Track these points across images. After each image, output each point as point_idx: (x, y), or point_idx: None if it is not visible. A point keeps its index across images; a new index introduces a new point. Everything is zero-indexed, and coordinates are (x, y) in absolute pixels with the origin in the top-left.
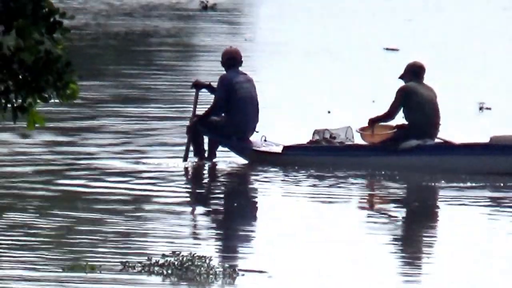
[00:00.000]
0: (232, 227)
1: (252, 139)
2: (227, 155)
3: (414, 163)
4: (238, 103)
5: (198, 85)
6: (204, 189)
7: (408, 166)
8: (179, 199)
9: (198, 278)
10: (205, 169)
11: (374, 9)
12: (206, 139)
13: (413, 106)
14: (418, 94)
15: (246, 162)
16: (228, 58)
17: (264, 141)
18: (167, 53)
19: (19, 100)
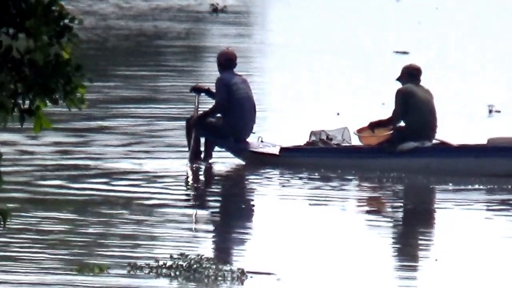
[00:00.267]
0: (233, 228)
1: (249, 140)
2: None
3: (412, 165)
4: (236, 104)
5: (198, 89)
6: (207, 190)
7: (406, 168)
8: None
9: (206, 280)
10: (210, 170)
11: (385, 12)
12: (202, 140)
13: (410, 108)
14: (416, 96)
15: (243, 163)
16: (227, 59)
17: (261, 142)
18: (176, 55)
19: (26, 102)
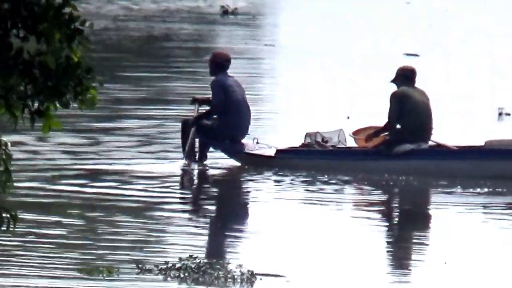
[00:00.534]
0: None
1: (245, 142)
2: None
3: (408, 167)
4: (232, 106)
5: (198, 101)
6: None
7: (402, 170)
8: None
9: (215, 282)
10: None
11: (395, 14)
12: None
13: (406, 110)
14: (411, 98)
15: (238, 164)
16: (225, 60)
17: (257, 143)
18: (186, 57)
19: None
